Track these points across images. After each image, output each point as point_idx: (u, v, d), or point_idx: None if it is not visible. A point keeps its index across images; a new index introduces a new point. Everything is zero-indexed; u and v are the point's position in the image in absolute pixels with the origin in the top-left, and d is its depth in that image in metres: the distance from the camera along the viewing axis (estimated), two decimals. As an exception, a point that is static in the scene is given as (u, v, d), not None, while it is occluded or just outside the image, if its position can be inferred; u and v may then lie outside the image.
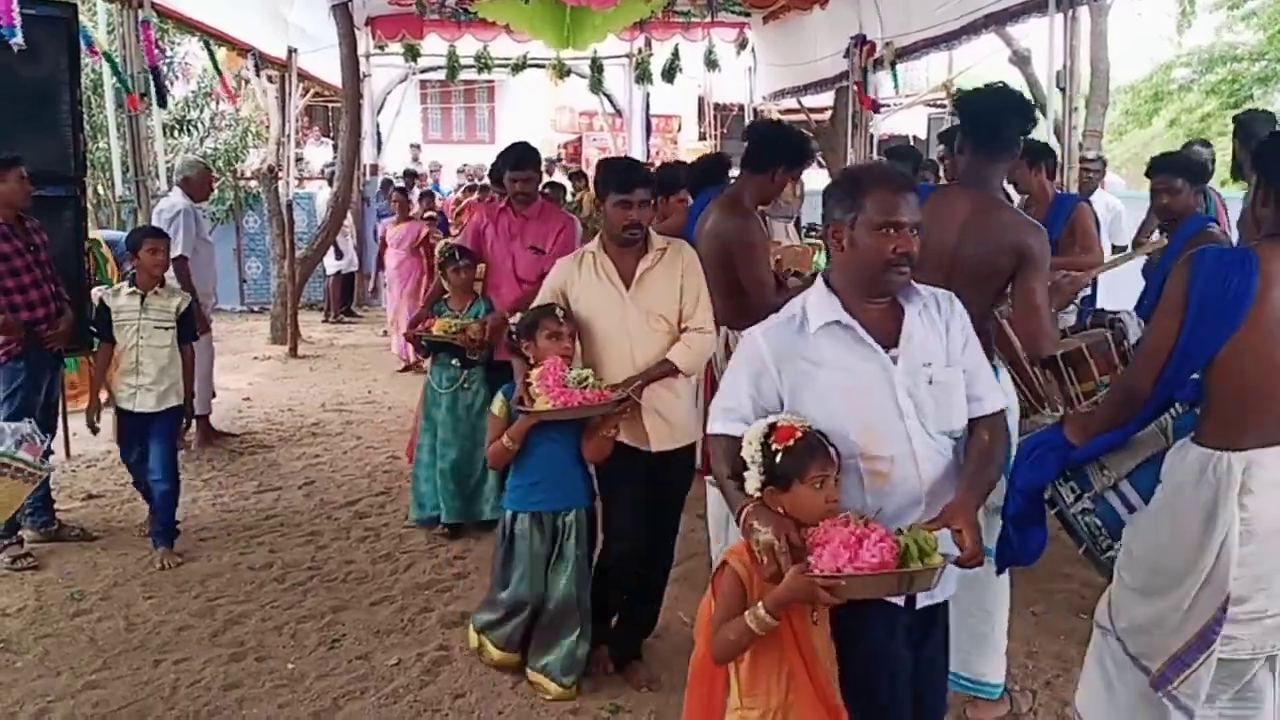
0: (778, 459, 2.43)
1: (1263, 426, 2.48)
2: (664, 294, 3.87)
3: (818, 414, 2.53)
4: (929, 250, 2.82)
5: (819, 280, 2.71)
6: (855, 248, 2.57)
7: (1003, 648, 3.65)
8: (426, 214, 11.46)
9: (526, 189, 5.43)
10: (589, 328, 3.87)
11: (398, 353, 10.39)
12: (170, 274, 6.86)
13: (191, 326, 5.39)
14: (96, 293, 6.09)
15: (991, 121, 3.44)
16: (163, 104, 7.11)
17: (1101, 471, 2.87)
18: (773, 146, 4.38)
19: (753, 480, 2.48)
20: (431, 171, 16.94)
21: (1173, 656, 2.58)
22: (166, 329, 5.23)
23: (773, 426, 2.48)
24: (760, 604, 2.37)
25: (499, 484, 4.62)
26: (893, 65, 9.79)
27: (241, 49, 10.10)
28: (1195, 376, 2.62)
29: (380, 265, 12.83)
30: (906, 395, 2.56)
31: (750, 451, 2.48)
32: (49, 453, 4.51)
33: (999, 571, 3.26)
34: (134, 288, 5.23)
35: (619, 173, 3.87)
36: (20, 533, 5.23)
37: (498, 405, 3.89)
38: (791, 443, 2.43)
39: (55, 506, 5.55)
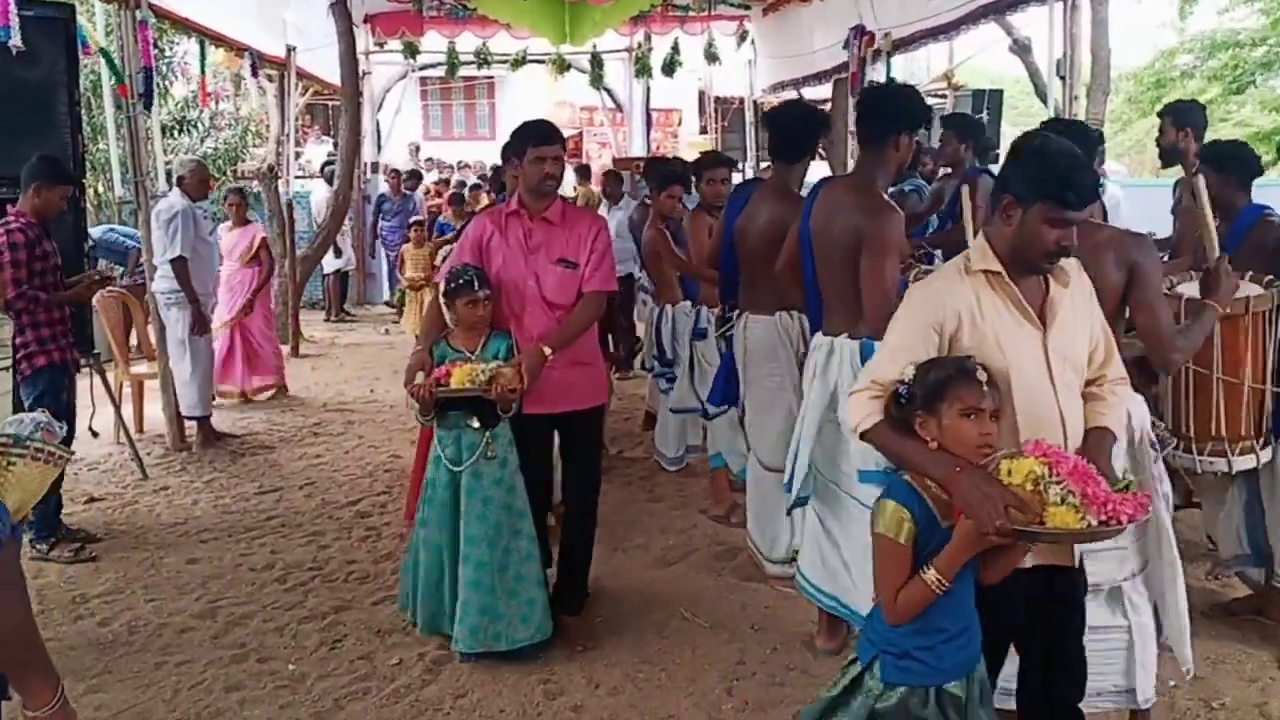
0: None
1: None
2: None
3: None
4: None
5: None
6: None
7: None
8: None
9: (557, 170, 4.15)
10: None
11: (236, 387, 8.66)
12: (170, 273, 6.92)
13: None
14: None
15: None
16: (148, 106, 7.06)
17: None
18: (887, 112, 3.87)
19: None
20: (428, 169, 16.99)
21: None
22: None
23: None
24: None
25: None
26: (888, 56, 9.74)
27: (239, 49, 10.08)
28: None
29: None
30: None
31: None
32: (69, 439, 4.52)
33: None
34: None
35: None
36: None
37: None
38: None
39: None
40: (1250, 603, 4.35)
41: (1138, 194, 10.04)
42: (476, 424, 3.97)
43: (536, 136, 4.13)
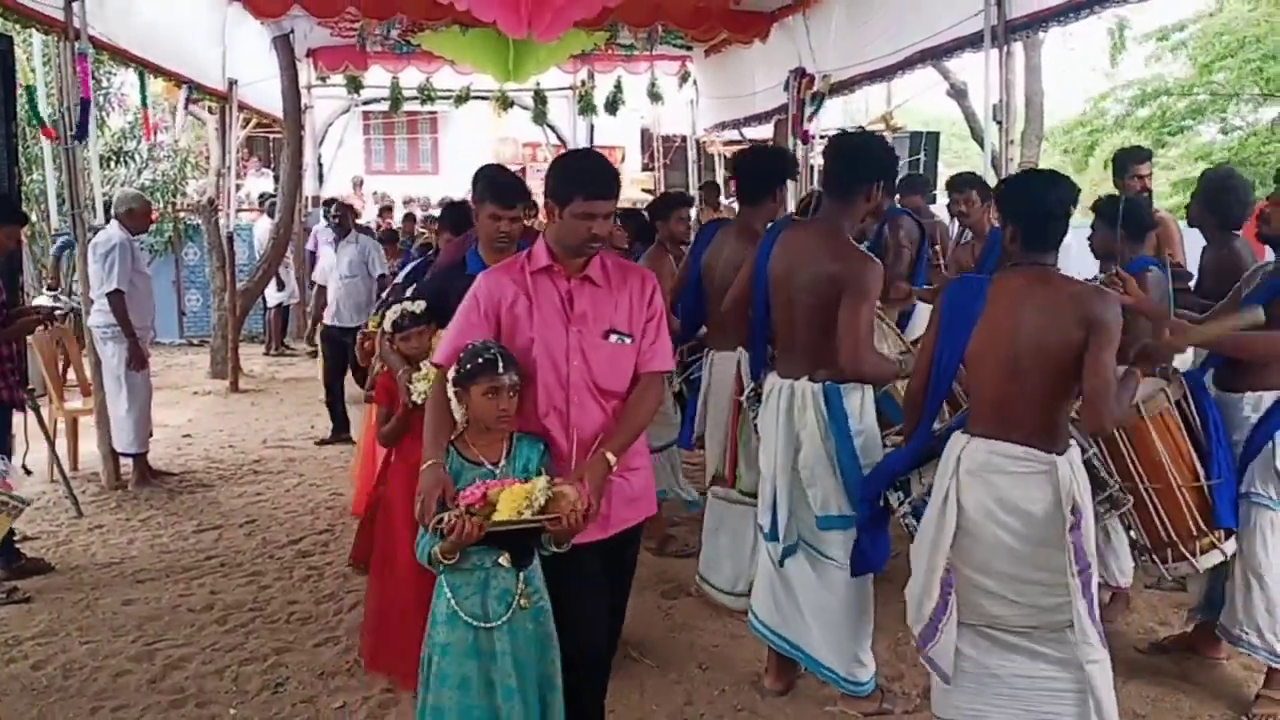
0: None
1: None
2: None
3: None
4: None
5: None
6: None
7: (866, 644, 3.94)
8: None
9: (604, 232, 3.14)
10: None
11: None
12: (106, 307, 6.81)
13: None
14: None
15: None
16: (82, 137, 6.97)
17: (920, 480, 3.46)
18: (862, 162, 3.80)
19: None
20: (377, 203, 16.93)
21: (927, 620, 3.16)
22: None
23: None
24: None
25: None
26: (820, 99, 9.93)
27: (179, 81, 9.98)
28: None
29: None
30: None
31: None
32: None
33: (854, 574, 3.80)
34: None
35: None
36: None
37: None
38: None
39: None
40: (1183, 640, 4.45)
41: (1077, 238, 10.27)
42: (507, 563, 2.97)
43: (590, 187, 3.07)
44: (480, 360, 2.98)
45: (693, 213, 7.17)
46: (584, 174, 3.13)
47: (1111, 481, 3.49)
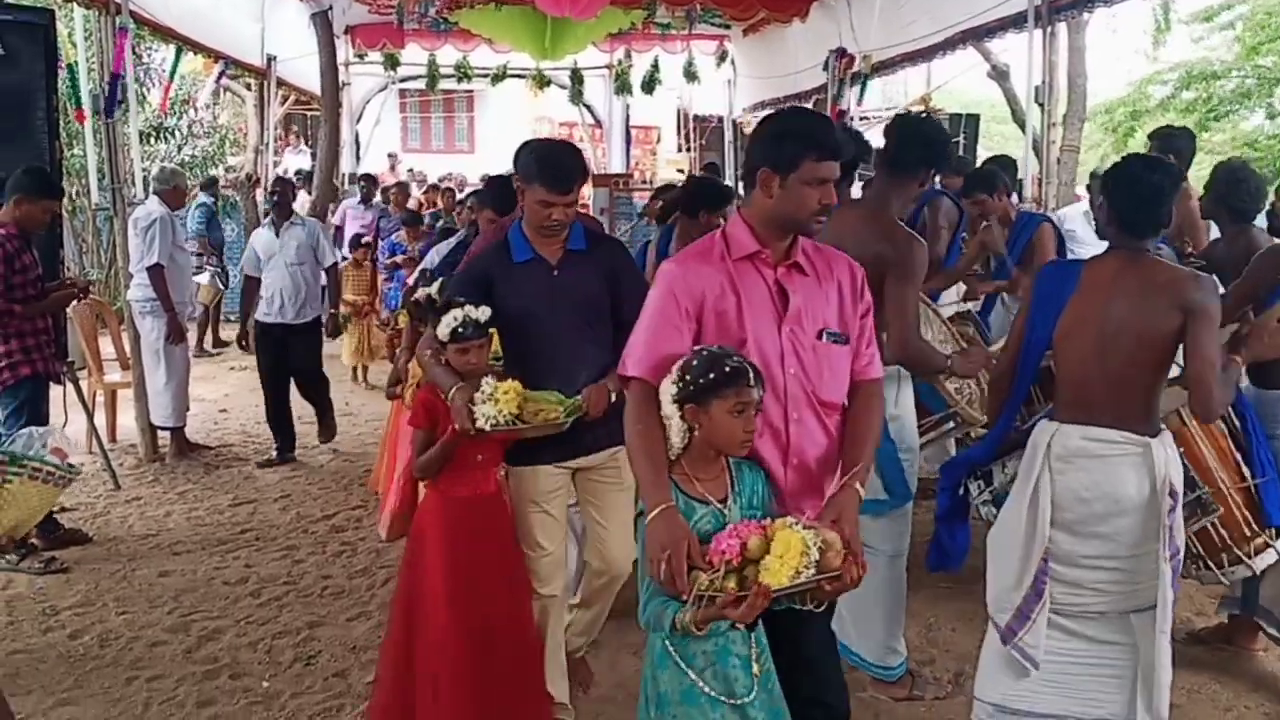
0: None
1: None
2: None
3: None
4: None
5: None
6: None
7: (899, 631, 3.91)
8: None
9: (832, 200, 2.64)
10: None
11: None
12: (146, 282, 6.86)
13: None
14: None
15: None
16: (110, 113, 6.98)
17: (1003, 469, 3.47)
18: (924, 145, 3.75)
19: None
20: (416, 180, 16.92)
21: (1016, 609, 3.09)
22: None
23: None
24: None
25: None
26: (864, 79, 9.84)
27: (218, 57, 10.04)
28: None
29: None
30: None
31: None
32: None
33: (931, 569, 3.77)
34: None
35: None
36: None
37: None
38: None
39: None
40: (1220, 632, 4.38)
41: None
42: (742, 625, 2.40)
43: (817, 147, 2.59)
44: (726, 369, 2.44)
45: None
46: (807, 129, 2.64)
47: (1201, 484, 3.40)
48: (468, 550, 3.38)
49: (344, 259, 9.60)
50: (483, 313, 3.31)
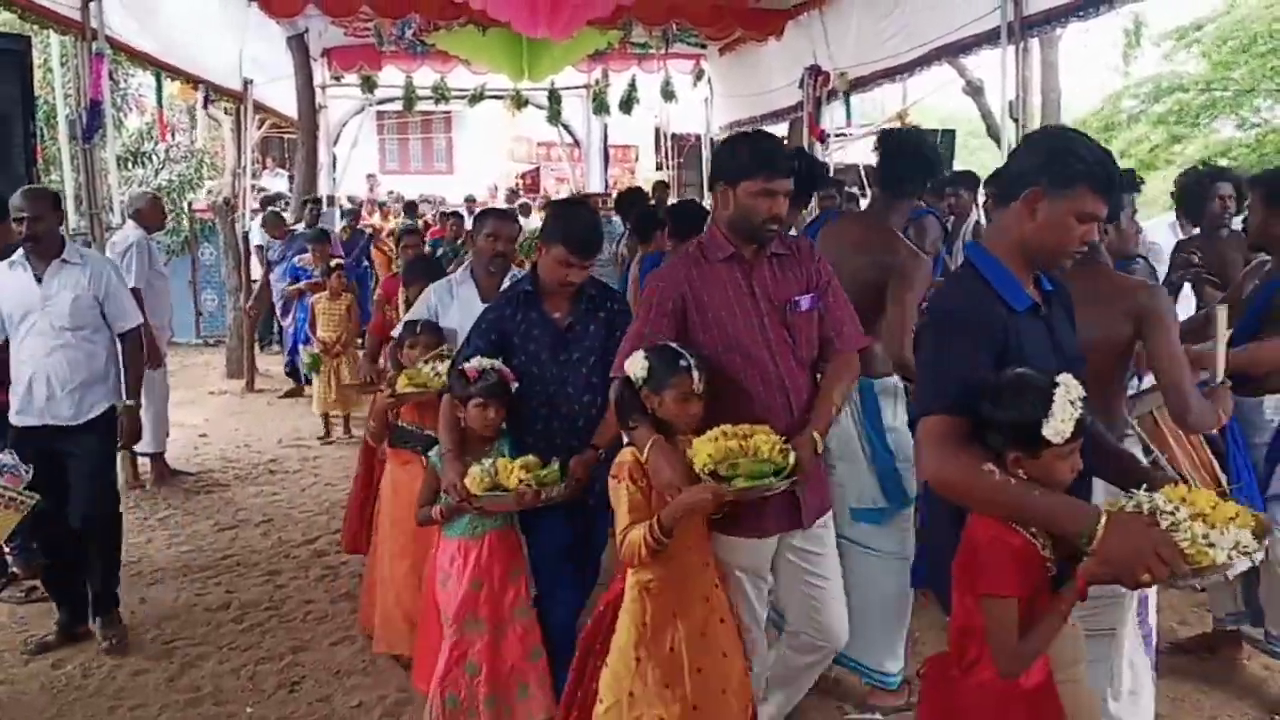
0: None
1: None
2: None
3: None
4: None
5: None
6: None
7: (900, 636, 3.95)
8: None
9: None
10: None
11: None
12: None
13: None
14: None
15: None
16: (89, 139, 6.95)
17: None
18: (922, 162, 3.89)
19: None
20: (394, 202, 16.92)
21: None
22: None
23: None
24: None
25: None
26: (846, 95, 9.91)
27: (195, 82, 10.02)
28: None
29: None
30: None
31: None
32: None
33: (917, 585, 3.78)
34: None
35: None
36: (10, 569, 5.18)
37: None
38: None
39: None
40: (1203, 640, 4.41)
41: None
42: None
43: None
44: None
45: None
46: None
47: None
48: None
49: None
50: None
